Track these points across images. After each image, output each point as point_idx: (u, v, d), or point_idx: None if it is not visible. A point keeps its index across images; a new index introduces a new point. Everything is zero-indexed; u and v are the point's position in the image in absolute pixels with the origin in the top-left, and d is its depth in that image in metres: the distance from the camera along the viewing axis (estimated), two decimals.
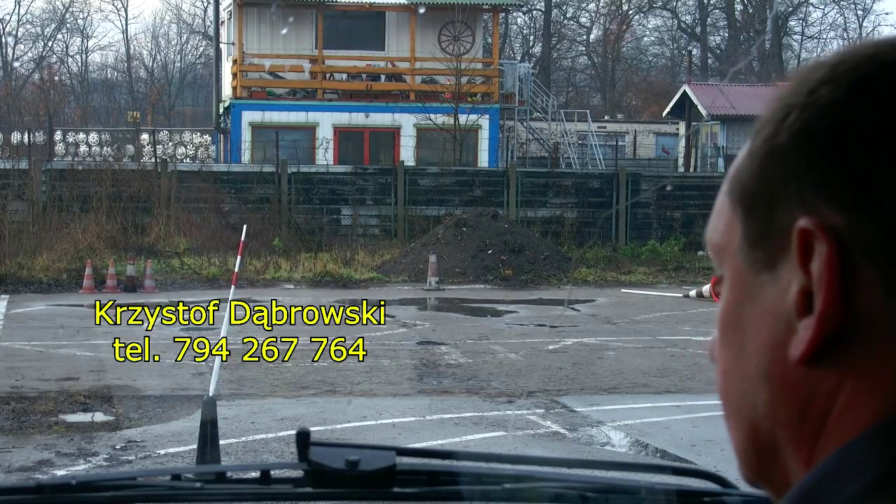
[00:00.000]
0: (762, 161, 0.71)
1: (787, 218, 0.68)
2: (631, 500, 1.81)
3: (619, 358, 12.60)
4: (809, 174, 0.67)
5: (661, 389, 10.66)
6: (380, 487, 1.56)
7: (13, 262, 19.49)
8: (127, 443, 8.55)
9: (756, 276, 0.71)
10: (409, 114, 29.33)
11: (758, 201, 0.71)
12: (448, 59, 29.50)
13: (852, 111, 0.67)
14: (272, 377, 10.63)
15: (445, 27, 30.50)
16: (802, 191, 0.67)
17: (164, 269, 20.05)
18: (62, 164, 25.69)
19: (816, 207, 0.66)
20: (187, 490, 1.63)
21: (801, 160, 0.68)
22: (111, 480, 2.19)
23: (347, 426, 8.97)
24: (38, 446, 8.45)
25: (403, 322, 15.32)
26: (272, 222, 22.18)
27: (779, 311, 0.68)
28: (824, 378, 0.67)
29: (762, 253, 0.70)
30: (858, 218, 0.65)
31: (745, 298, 0.72)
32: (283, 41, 30.25)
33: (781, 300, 0.68)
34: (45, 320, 15.03)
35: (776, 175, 0.69)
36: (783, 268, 0.68)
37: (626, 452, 8.67)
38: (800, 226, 0.66)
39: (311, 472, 1.54)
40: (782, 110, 0.70)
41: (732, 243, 0.73)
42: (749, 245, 0.71)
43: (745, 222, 0.72)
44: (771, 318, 0.69)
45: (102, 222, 21.72)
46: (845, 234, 0.65)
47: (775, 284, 0.69)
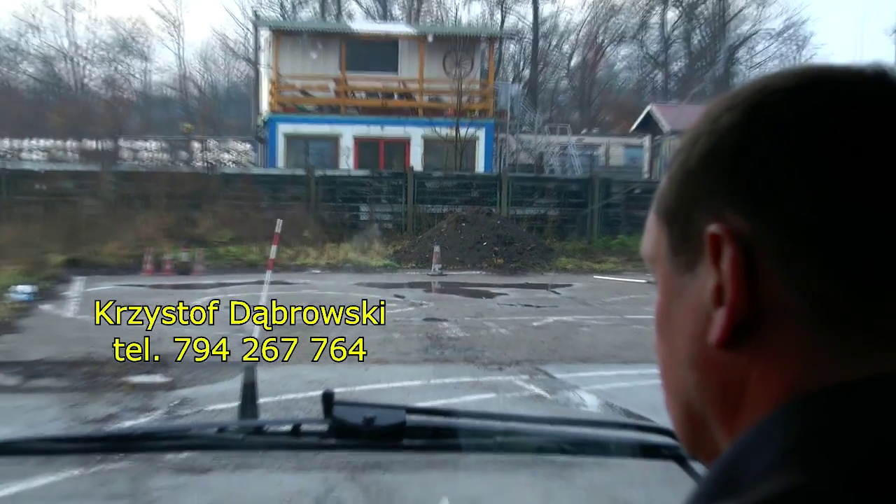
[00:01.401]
0: (679, 182, 0.71)
1: (701, 226, 0.68)
2: (601, 451, 1.82)
3: (593, 333, 12.62)
4: (717, 189, 0.67)
5: (628, 360, 10.68)
6: (392, 440, 1.57)
7: (87, 249, 19.50)
8: (181, 400, 8.57)
9: (680, 277, 0.71)
10: (417, 127, 29.28)
11: (678, 216, 0.71)
12: (451, 81, 29.56)
13: (748, 133, 0.67)
14: (301, 349, 10.64)
15: (449, 54, 30.48)
16: (712, 203, 0.68)
17: (212, 256, 20.06)
18: (127, 168, 25.70)
19: (724, 215, 0.66)
20: (231, 440, 1.64)
21: (709, 177, 0.68)
22: (168, 432, 2.20)
23: (365, 388, 9.00)
24: (107, 402, 8.47)
25: (412, 302, 15.35)
26: (302, 217, 22.15)
27: (699, 305, 0.68)
28: (738, 360, 0.67)
29: (683, 258, 0.70)
30: (758, 222, 0.65)
31: (673, 297, 0.72)
32: (312, 65, 30.25)
33: (701, 296, 0.68)
34: (114, 297, 15.05)
35: (690, 192, 0.69)
36: (700, 269, 0.68)
37: (597, 412, 8.69)
38: (710, 231, 0.66)
39: (335, 427, 1.55)
40: (693, 138, 0.71)
41: (660, 253, 0.73)
42: (673, 253, 0.71)
43: (668, 234, 0.72)
44: (693, 312, 0.69)
45: (160, 216, 21.73)
46: (748, 236, 0.65)
47: (695, 283, 0.69)
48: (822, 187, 0.64)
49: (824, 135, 0.65)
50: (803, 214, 0.64)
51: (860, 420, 0.62)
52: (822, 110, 0.66)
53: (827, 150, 0.65)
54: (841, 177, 0.64)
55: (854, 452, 0.60)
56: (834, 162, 0.64)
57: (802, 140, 0.65)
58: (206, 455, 6.20)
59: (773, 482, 0.60)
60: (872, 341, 0.64)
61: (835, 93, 0.67)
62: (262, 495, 6.17)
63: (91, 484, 6.37)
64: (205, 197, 22.83)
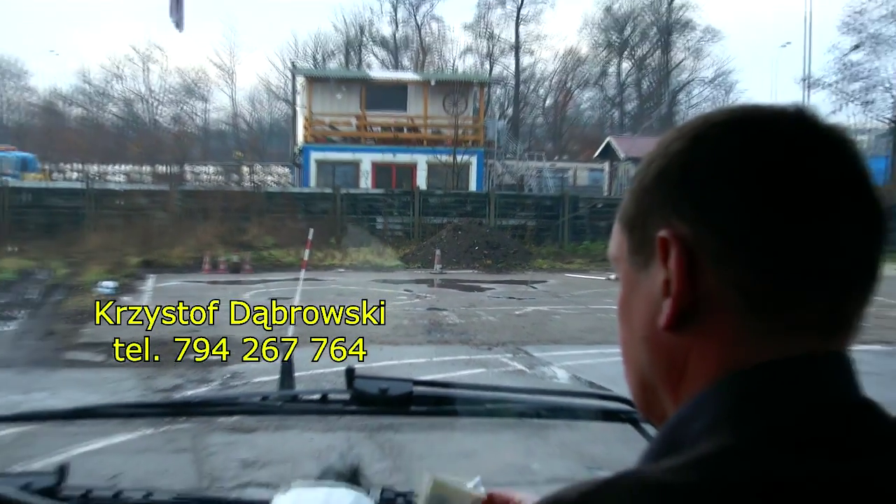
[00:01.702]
0: (637, 196, 0.71)
1: (654, 232, 0.68)
2: (571, 415, 1.81)
3: (563, 320, 12.60)
4: (666, 201, 0.68)
5: (591, 342, 10.66)
6: (402, 407, 1.56)
7: (158, 253, 19.51)
8: (233, 374, 8.56)
9: (637, 274, 0.71)
10: (422, 154, 29.23)
11: (636, 223, 0.71)
12: (449, 118, 29.55)
13: (691, 157, 0.67)
14: (329, 334, 10.62)
15: (448, 96, 30.48)
16: (662, 213, 0.68)
17: (257, 258, 20.05)
18: (190, 187, 25.72)
19: (671, 223, 0.67)
20: (272, 407, 1.64)
21: (660, 192, 0.68)
22: (221, 399, 2.18)
23: (380, 364, 8.99)
24: (174, 375, 8.47)
25: (417, 295, 15.33)
26: (329, 227, 22.16)
27: (652, 296, 0.68)
28: (682, 341, 0.67)
29: (640, 258, 0.70)
30: (698, 229, 0.65)
31: (632, 290, 0.72)
32: (338, 104, 30.22)
33: (653, 289, 0.68)
34: (179, 291, 15.05)
35: (646, 204, 0.69)
36: (653, 267, 0.68)
37: (567, 384, 8.67)
38: (660, 235, 0.67)
39: (355, 396, 1.54)
40: (649, 161, 0.71)
41: (622, 253, 0.73)
42: (632, 253, 0.71)
43: (629, 239, 0.72)
44: (647, 302, 0.69)
45: (216, 226, 21.73)
46: (690, 240, 0.66)
47: (649, 278, 0.69)
48: (748, 202, 0.64)
49: (750, 160, 0.66)
50: (733, 223, 0.64)
51: (777, 393, 0.63)
52: (750, 140, 0.67)
53: (752, 172, 0.65)
54: (763, 193, 0.64)
55: (770, 418, 0.61)
56: (758, 181, 0.65)
57: (734, 164, 0.66)
58: (251, 418, 6.19)
59: (708, 443, 0.61)
60: (790, 326, 0.64)
61: (760, 126, 0.68)
62: (297, 450, 6.16)
63: (160, 441, 6.36)
64: (252, 210, 22.81)
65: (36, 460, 5.56)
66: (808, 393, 0.63)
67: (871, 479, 0.59)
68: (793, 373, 0.63)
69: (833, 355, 0.65)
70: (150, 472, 5.73)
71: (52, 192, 23.54)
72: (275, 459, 6.04)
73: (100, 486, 1.52)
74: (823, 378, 0.64)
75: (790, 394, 0.62)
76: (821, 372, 0.64)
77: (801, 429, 0.61)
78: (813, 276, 0.64)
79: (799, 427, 0.61)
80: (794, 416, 0.61)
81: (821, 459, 0.59)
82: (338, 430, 6.30)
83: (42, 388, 8.02)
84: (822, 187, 0.64)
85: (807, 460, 0.59)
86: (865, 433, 0.61)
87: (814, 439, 0.60)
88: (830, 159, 0.66)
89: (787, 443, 0.60)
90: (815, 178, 0.64)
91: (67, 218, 22.13)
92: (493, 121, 34.46)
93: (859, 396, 0.64)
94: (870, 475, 0.59)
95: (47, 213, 22.48)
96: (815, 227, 0.64)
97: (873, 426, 0.63)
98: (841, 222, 0.64)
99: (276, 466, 5.84)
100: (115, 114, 47.90)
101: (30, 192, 23.45)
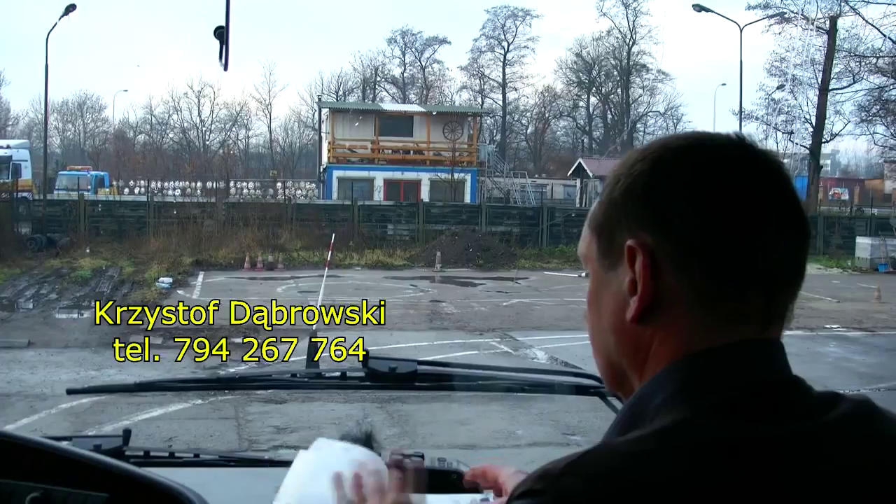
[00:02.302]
0: (606, 207, 0.70)
1: (620, 239, 0.68)
2: (549, 390, 1.80)
3: (542, 311, 12.59)
4: (632, 214, 0.67)
5: (566, 328, 10.65)
6: (408, 383, 1.55)
7: (207, 254, 19.47)
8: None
9: (605, 273, 0.70)
10: (426, 172, 29.23)
11: (604, 230, 0.70)
12: (448, 143, 29.53)
13: (652, 178, 0.67)
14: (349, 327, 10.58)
15: (447, 125, 30.56)
16: (628, 224, 0.67)
17: (288, 258, 19.98)
18: (233, 200, 25.65)
19: (637, 233, 0.66)
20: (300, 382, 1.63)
21: (626, 206, 0.68)
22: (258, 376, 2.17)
23: (390, 347, 8.97)
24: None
25: (421, 289, 15.31)
26: (348, 233, 22.11)
27: (619, 293, 0.68)
28: (645, 331, 0.67)
29: (608, 260, 0.70)
30: (659, 238, 0.65)
31: (601, 286, 0.71)
32: (356, 131, 30.23)
33: (620, 286, 0.68)
34: (223, 285, 15.03)
35: (614, 215, 0.69)
36: (620, 268, 0.68)
37: (546, 363, 8.67)
38: (628, 244, 0.66)
39: (369, 374, 1.54)
40: (615, 178, 0.70)
41: (591, 254, 0.72)
42: (600, 255, 0.71)
43: (597, 242, 0.71)
44: (615, 298, 0.69)
45: (255, 232, 21.68)
46: (653, 247, 0.65)
47: (616, 278, 0.68)
48: (699, 216, 0.65)
49: (701, 181, 0.66)
50: (688, 234, 0.65)
51: (721, 372, 0.64)
52: (701, 164, 0.67)
53: (702, 190, 0.66)
54: (711, 209, 0.65)
55: (716, 393, 0.62)
56: (706, 199, 0.65)
57: (687, 184, 0.66)
58: (283, 392, 6.19)
59: (666, 416, 0.62)
60: (733, 319, 0.65)
61: (709, 153, 0.68)
62: (321, 418, 6.15)
63: (208, 410, 6.35)
64: (284, 219, 22.74)
65: (105, 425, 5.55)
66: (747, 371, 0.64)
67: (803, 436, 0.61)
68: (734, 356, 0.64)
69: (766, 341, 0.66)
70: (199, 436, 5.71)
71: (120, 205, 23.62)
72: (302, 426, 6.02)
73: (157, 448, 1.52)
74: (760, 359, 0.65)
75: (732, 373, 0.63)
76: (757, 355, 0.65)
77: (742, 401, 0.62)
78: (751, 276, 0.65)
79: (741, 399, 0.62)
80: (736, 391, 0.62)
81: (760, 424, 0.60)
82: (354, 401, 6.28)
83: (112, 365, 8.01)
84: (758, 203, 0.65)
85: (748, 425, 0.60)
86: (795, 402, 0.63)
87: (753, 409, 0.61)
88: (765, 179, 0.67)
89: (731, 412, 0.61)
90: (752, 195, 0.65)
91: (133, 225, 22.12)
92: (485, 145, 34.47)
93: (789, 375, 0.66)
94: (801, 434, 0.61)
95: (117, 221, 22.49)
96: (753, 236, 0.64)
97: (801, 397, 0.64)
98: (773, 231, 0.65)
99: (304, 432, 5.83)
100: (173, 139, 47.91)
101: (103, 205, 23.48)
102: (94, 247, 20.01)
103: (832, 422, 0.63)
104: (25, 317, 11.18)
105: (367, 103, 41.56)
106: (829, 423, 0.62)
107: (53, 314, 11.38)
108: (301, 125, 51.32)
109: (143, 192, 29.25)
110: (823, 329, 11.24)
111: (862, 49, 27.85)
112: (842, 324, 11.78)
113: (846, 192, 39.90)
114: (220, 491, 1.31)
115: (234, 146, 47.31)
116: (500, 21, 50.19)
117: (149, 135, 47.29)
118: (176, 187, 30.17)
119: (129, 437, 1.47)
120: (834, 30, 28.06)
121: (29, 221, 21.65)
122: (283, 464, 1.44)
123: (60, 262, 17.58)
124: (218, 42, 1.97)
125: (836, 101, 29.12)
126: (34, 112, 47.17)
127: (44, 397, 6.63)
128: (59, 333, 9.84)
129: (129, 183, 32.28)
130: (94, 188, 28.29)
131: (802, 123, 30.25)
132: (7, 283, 14.66)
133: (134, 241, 20.76)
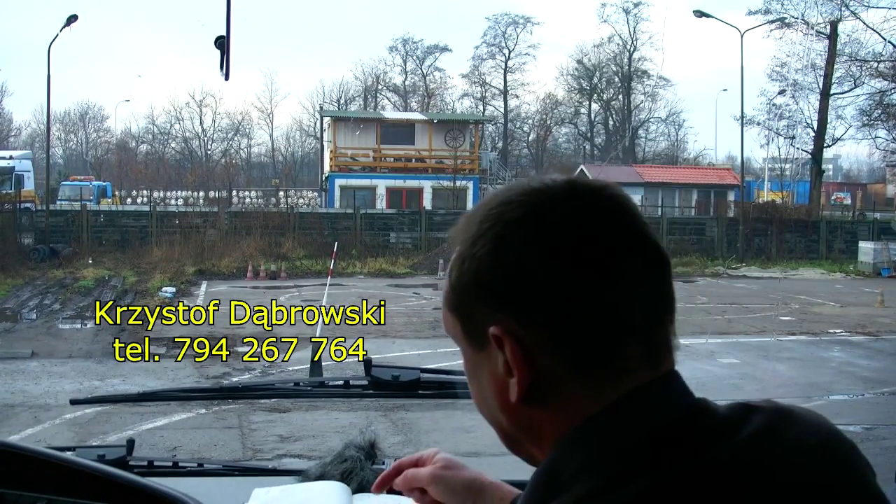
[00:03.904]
0: (457, 290, 0.67)
1: (482, 322, 0.65)
2: None
3: None
4: (486, 300, 0.65)
5: None
6: (411, 391, 1.55)
7: (209, 263, 19.48)
8: (271, 364, 8.52)
9: (476, 354, 0.67)
10: (428, 180, 29.20)
11: (462, 313, 0.67)
12: (450, 150, 29.56)
13: (496, 258, 0.64)
14: (350, 330, 10.51)
15: (449, 132, 30.56)
16: (485, 309, 0.65)
17: (291, 267, 19.96)
18: (236, 209, 25.67)
19: (498, 319, 0.64)
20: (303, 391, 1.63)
21: (479, 292, 0.65)
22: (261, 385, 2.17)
23: (393, 355, 8.96)
24: (222, 365, 8.44)
25: (424, 297, 15.26)
26: (351, 241, 22.13)
27: (496, 374, 0.65)
28: (533, 409, 0.65)
29: (473, 341, 0.67)
30: (522, 323, 0.63)
31: (475, 366, 0.68)
32: (357, 140, 30.26)
33: (496, 367, 0.65)
34: (227, 294, 15.03)
35: (467, 299, 0.66)
36: (489, 349, 0.65)
37: None
38: (492, 332, 0.64)
39: (372, 382, 1.54)
40: (460, 259, 0.67)
41: (458, 334, 0.68)
42: (465, 335, 0.68)
43: (460, 322, 0.68)
44: (494, 378, 0.66)
45: (257, 241, 21.70)
46: (519, 333, 0.63)
47: (489, 359, 0.66)
48: (552, 290, 0.63)
49: (543, 252, 0.64)
50: (547, 311, 0.63)
51: (621, 428, 0.62)
52: (538, 234, 0.64)
53: (546, 262, 0.63)
54: (561, 278, 0.63)
55: (624, 453, 0.61)
56: (552, 270, 0.63)
57: (531, 259, 0.64)
58: (286, 400, 6.18)
59: (582, 484, 0.61)
60: (619, 371, 0.63)
61: (544, 218, 0.65)
62: (325, 426, 6.14)
63: (212, 419, 6.34)
64: (286, 228, 22.75)
65: (109, 435, 5.55)
66: (647, 418, 0.63)
67: (716, 469, 0.61)
68: (632, 407, 0.63)
69: (659, 380, 0.64)
70: (203, 445, 5.71)
71: (123, 214, 23.63)
72: (306, 434, 6.01)
73: (161, 457, 1.52)
74: (657, 402, 0.64)
75: (632, 425, 0.62)
76: (656, 397, 0.64)
77: (651, 450, 0.61)
78: (624, 330, 0.63)
79: (651, 449, 0.61)
80: (644, 442, 0.61)
81: (674, 466, 0.60)
82: (358, 410, 6.27)
83: (115, 375, 8.01)
84: (608, 253, 0.63)
85: (662, 472, 0.60)
86: (700, 432, 0.63)
87: (660, 454, 0.61)
88: (607, 223, 0.64)
89: (642, 464, 0.60)
90: (597, 247, 0.63)
91: (136, 235, 22.15)
92: (486, 153, 34.47)
93: (692, 402, 0.65)
94: (714, 467, 0.61)
95: (119, 231, 22.53)
96: (613, 291, 0.63)
97: (705, 425, 0.63)
98: (632, 275, 0.64)
99: (308, 440, 5.82)
100: (175, 149, 48.00)
101: (105, 214, 23.52)
102: (96, 257, 20.05)
103: (744, 442, 0.62)
104: (29, 327, 11.20)
105: (368, 111, 41.69)
106: (741, 445, 0.62)
107: (56, 324, 11.39)
108: (303, 134, 51.44)
109: (145, 201, 29.31)
110: (827, 334, 11.20)
111: (863, 53, 27.95)
112: (845, 328, 11.74)
113: (848, 197, 39.81)
114: (225, 501, 1.31)
115: (236, 155, 47.40)
116: (500, 28, 50.34)
117: (151, 144, 47.45)
118: (178, 197, 30.22)
119: (132, 447, 1.47)
120: (835, 34, 28.15)
121: (32, 232, 21.70)
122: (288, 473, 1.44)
123: (63, 273, 17.61)
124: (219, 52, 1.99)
125: (837, 105, 29.23)
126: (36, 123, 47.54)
127: (47, 408, 6.64)
128: (62, 344, 9.84)
129: (132, 193, 32.36)
130: (97, 198, 28.39)
131: (804, 128, 30.30)
132: (10, 293, 14.69)
133: (137, 251, 20.78)
